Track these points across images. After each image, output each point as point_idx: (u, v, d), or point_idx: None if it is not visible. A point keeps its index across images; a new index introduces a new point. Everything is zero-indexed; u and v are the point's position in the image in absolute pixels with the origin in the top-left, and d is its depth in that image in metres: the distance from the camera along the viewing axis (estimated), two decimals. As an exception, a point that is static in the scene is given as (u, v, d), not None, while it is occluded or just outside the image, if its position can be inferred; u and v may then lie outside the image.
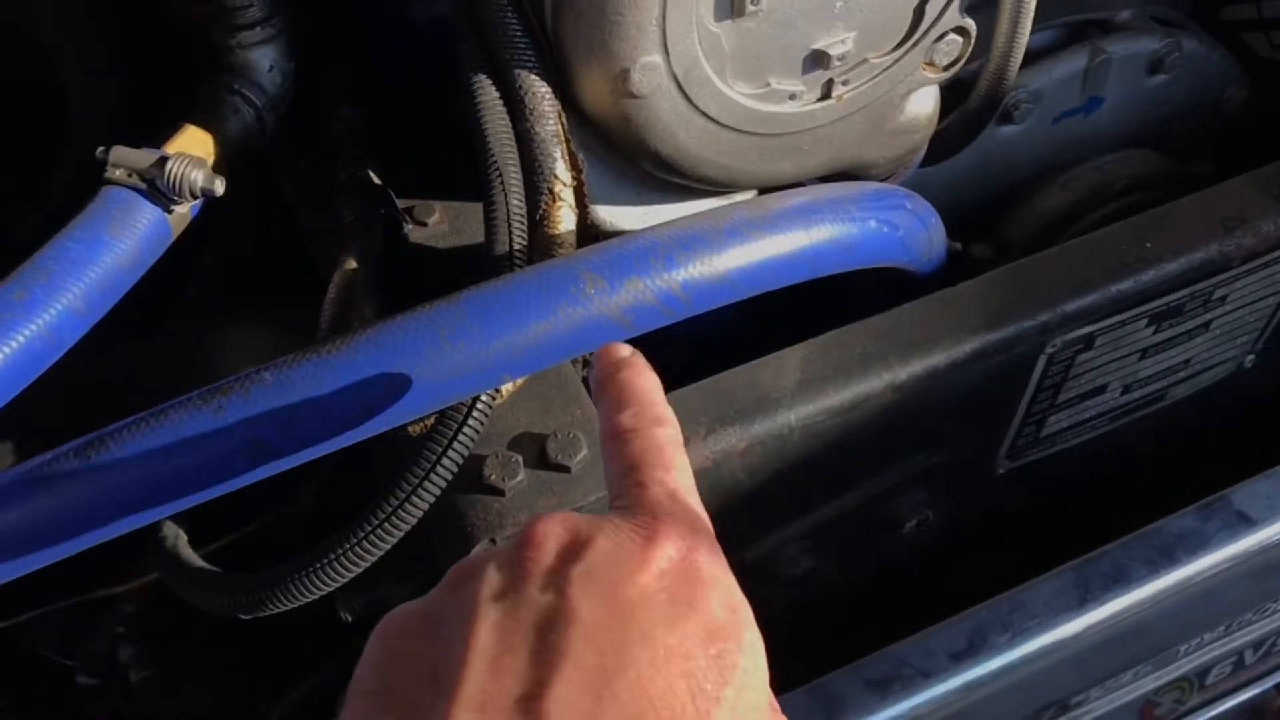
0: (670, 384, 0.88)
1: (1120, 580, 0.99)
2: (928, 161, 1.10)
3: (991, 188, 1.29)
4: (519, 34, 0.83)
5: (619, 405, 0.58)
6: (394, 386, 0.71)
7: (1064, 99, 1.27)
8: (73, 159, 1.07)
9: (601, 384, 0.61)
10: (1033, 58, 1.25)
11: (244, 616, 0.81)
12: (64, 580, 0.93)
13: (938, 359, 0.92)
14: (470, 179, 0.88)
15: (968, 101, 1.06)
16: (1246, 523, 1.03)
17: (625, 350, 0.63)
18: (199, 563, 0.87)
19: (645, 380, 0.61)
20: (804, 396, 0.89)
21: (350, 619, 0.89)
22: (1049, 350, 0.97)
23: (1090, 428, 1.10)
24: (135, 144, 0.88)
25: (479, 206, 0.93)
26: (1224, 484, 1.05)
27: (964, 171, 1.24)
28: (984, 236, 1.25)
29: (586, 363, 0.88)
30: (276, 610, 0.80)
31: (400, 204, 0.96)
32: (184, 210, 0.88)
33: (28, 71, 1.22)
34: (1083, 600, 0.98)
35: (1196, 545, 1.01)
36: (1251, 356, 1.16)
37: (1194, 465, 1.18)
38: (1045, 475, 1.12)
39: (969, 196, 1.28)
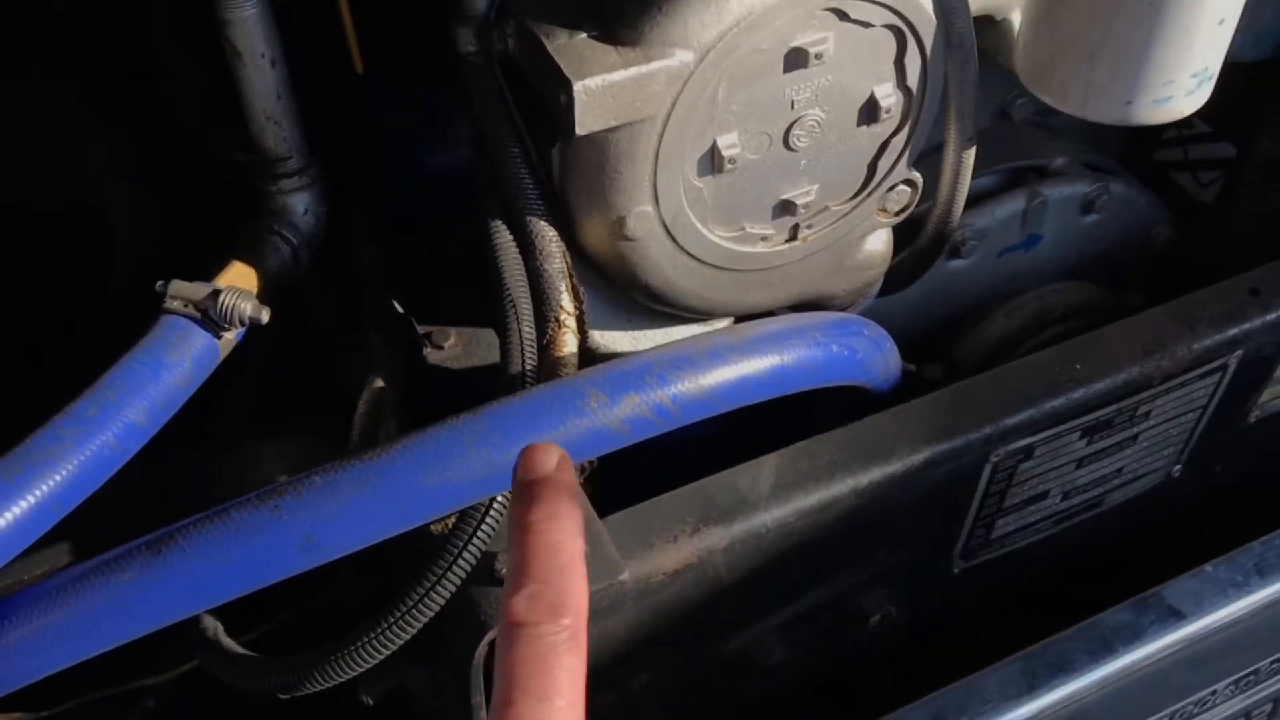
0: (661, 488, 1.00)
1: (1064, 669, 1.09)
2: (884, 292, 1.24)
3: (943, 315, 1.43)
4: (530, 186, 0.97)
5: (520, 568, 0.55)
6: (425, 488, 0.82)
7: (1006, 236, 1.42)
8: (118, 285, 1.19)
9: (516, 498, 0.59)
10: (977, 200, 1.41)
11: (282, 696, 0.90)
12: (91, 671, 1.02)
13: (895, 467, 1.04)
14: (480, 307, 1.01)
15: (918, 240, 1.20)
16: (1177, 616, 1.14)
17: (550, 460, 0.60)
18: (239, 649, 0.96)
19: (557, 526, 0.56)
20: (778, 500, 1.01)
21: (370, 702, 0.98)
22: (993, 460, 1.09)
23: (1035, 530, 1.22)
24: (172, 275, 1.00)
25: (489, 332, 1.06)
26: (1157, 581, 1.17)
27: (918, 301, 1.39)
28: (937, 359, 1.38)
29: (583, 469, 0.99)
30: (311, 690, 0.89)
31: (420, 330, 1.09)
32: (231, 336, 1.00)
33: (68, 202, 1.35)
34: (1031, 687, 1.08)
35: (1132, 637, 1.12)
36: (1179, 467, 1.29)
37: (1131, 564, 1.29)
38: (997, 574, 1.23)
39: (923, 323, 1.42)
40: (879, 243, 1.13)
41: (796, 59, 0.92)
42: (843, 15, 0.92)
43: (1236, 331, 1.16)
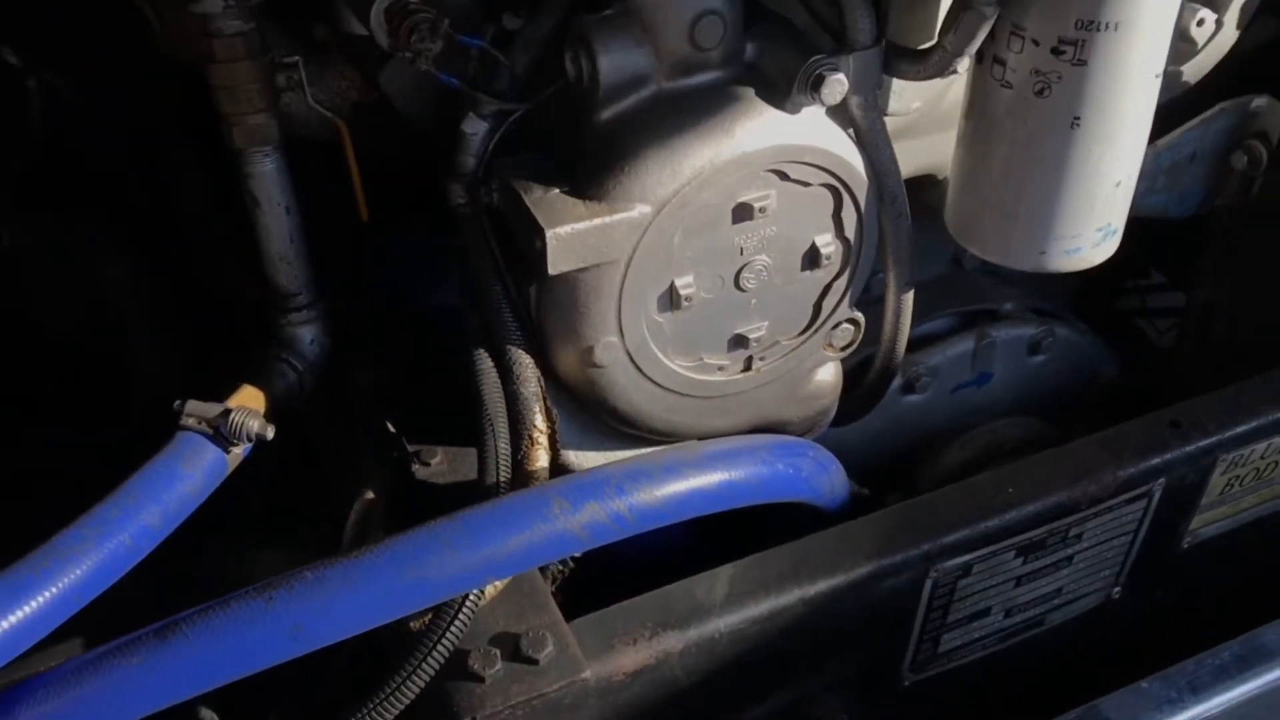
0: (625, 595, 1.09)
1: (1010, 775, 1.17)
2: (839, 422, 1.35)
3: (903, 446, 1.53)
4: (510, 319, 1.09)
5: None
6: (405, 585, 0.92)
7: (958, 374, 1.54)
8: (136, 403, 1.31)
9: None
10: (931, 340, 1.54)
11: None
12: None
13: (840, 579, 1.13)
14: (464, 428, 1.12)
15: (869, 375, 1.32)
16: (1114, 729, 1.22)
17: None
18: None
19: None
20: (731, 607, 1.10)
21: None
22: (933, 575, 1.18)
23: (981, 646, 1.30)
24: (186, 395, 1.11)
25: (473, 451, 1.17)
26: (1098, 694, 1.25)
27: (880, 432, 1.50)
28: (897, 486, 1.48)
29: (547, 570, 1.08)
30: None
31: (409, 448, 1.20)
32: (239, 451, 1.12)
33: (93, 327, 1.48)
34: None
35: (1072, 747, 1.19)
36: (1118, 589, 1.38)
37: (1079, 679, 1.37)
38: (946, 688, 1.31)
39: (885, 453, 1.53)
40: (828, 374, 1.25)
41: (743, 212, 1.06)
42: (784, 175, 1.06)
43: (1158, 461, 1.26)
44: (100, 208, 1.47)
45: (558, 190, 1.03)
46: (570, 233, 0.99)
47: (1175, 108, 1.50)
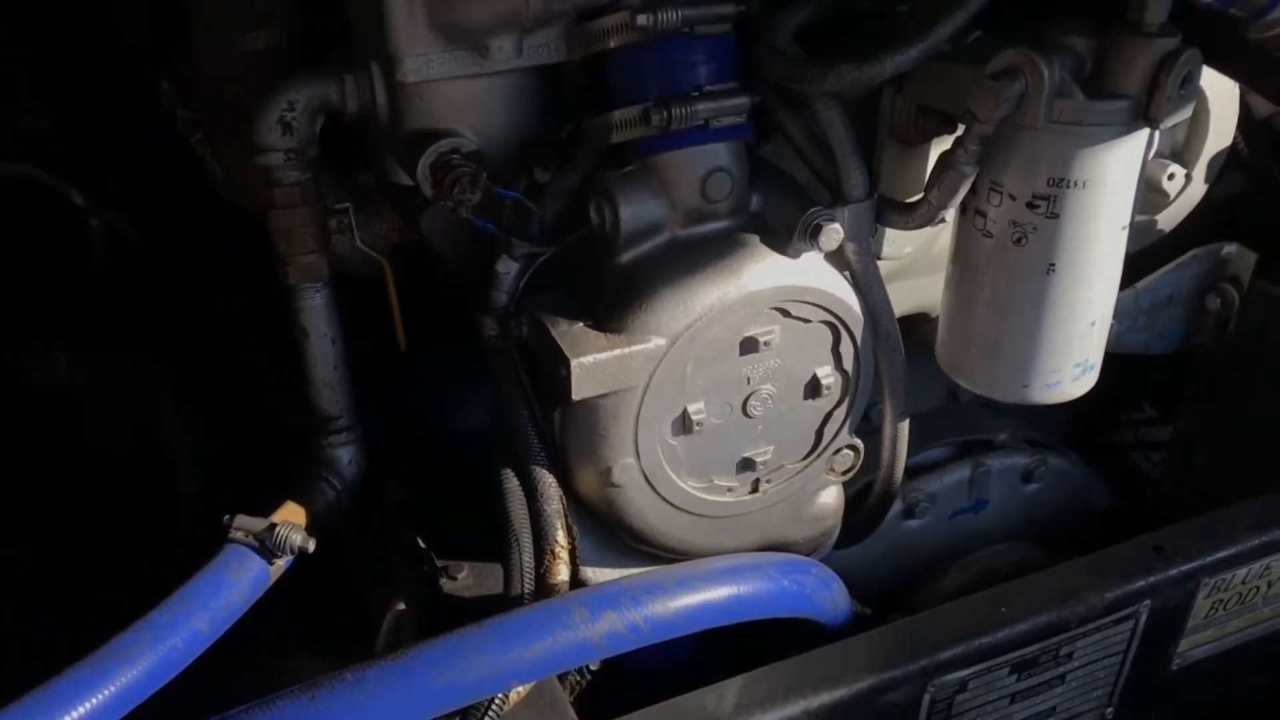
0: (638, 705, 1.16)
1: None
2: (842, 545, 1.43)
3: (903, 568, 1.61)
4: (535, 441, 1.19)
5: None
6: (437, 687, 1.00)
7: (955, 500, 1.62)
8: (185, 519, 1.40)
9: None
10: (929, 468, 1.62)
11: None
12: None
13: (842, 692, 1.20)
14: (490, 545, 1.21)
15: (869, 499, 1.41)
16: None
17: None
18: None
19: None
20: (739, 718, 1.16)
21: None
22: (931, 690, 1.25)
23: (979, 762, 1.36)
24: (231, 511, 1.20)
25: (497, 568, 1.25)
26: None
27: (882, 555, 1.57)
28: (899, 608, 1.55)
29: (566, 679, 1.15)
30: None
31: (438, 562, 1.28)
32: (281, 563, 1.20)
33: (145, 449, 1.58)
34: None
35: None
36: (1111, 709, 1.43)
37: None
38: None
39: (887, 575, 1.60)
40: (831, 498, 1.34)
41: (750, 345, 1.16)
42: (786, 313, 1.16)
43: (1143, 584, 1.33)
44: (152, 338, 1.58)
45: (581, 324, 1.14)
46: (592, 362, 1.09)
47: (1153, 252, 1.62)
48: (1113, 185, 1.12)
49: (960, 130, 1.13)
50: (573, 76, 1.22)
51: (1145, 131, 1.11)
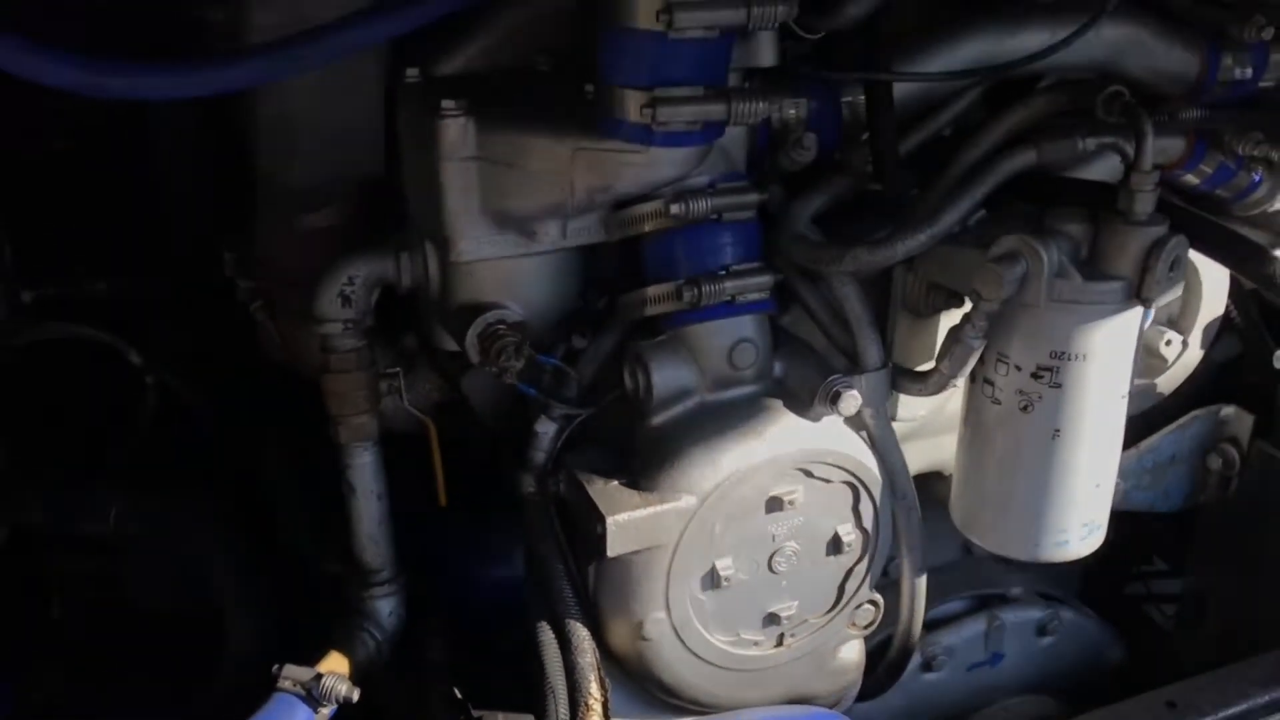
0: None
1: None
2: (863, 697, 1.47)
3: (922, 721, 1.64)
4: (570, 596, 1.25)
5: None
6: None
7: (972, 653, 1.66)
8: (230, 670, 1.45)
9: None
10: (946, 622, 1.67)
11: None
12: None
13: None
14: (524, 696, 1.26)
15: (889, 653, 1.45)
16: None
17: None
18: None
19: None
20: None
21: None
22: (953, 842, 1.28)
23: None
24: (275, 660, 1.25)
25: (529, 718, 1.30)
26: None
27: (901, 708, 1.61)
28: (920, 762, 1.58)
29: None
30: None
31: (474, 713, 1.32)
32: (326, 712, 1.25)
33: (192, 602, 1.64)
34: None
35: None
36: None
37: None
38: None
39: (907, 729, 1.63)
40: (853, 652, 1.39)
41: (775, 504, 1.23)
42: (809, 474, 1.24)
43: (1158, 738, 1.37)
44: (202, 491, 1.66)
45: (616, 482, 1.21)
46: (627, 520, 1.17)
47: (1155, 414, 1.70)
48: (1111, 357, 1.20)
49: (968, 306, 1.22)
50: (610, 253, 1.32)
51: (1139, 308, 1.20)
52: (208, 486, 1.70)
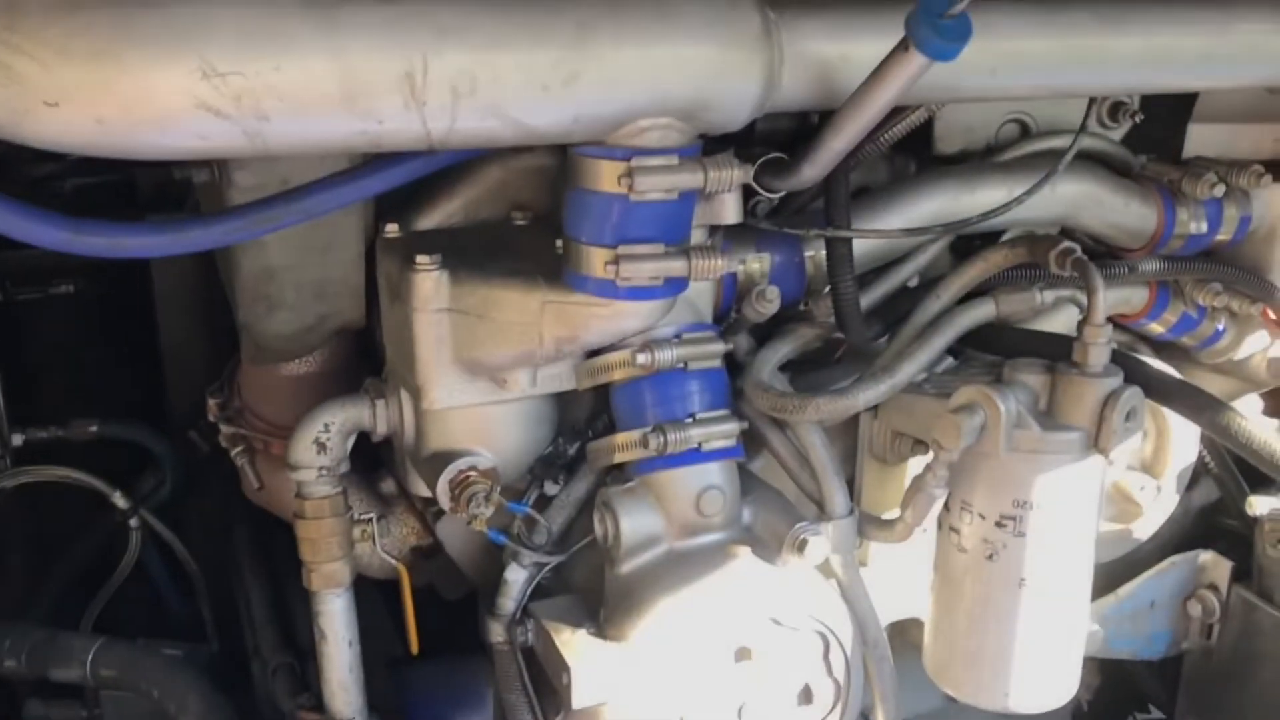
0: None
1: None
2: None
3: None
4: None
5: None
6: None
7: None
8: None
9: None
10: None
11: None
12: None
13: None
14: None
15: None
16: None
17: None
18: None
19: None
20: None
21: None
22: None
23: None
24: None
25: None
26: None
27: None
28: None
29: None
30: None
31: None
32: None
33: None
34: None
35: None
36: None
37: None
38: None
39: None
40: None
41: (743, 654, 1.23)
42: (777, 622, 1.24)
43: None
44: (179, 636, 1.66)
45: (584, 630, 1.21)
46: (593, 670, 1.16)
47: (1133, 560, 1.70)
48: (1073, 506, 1.22)
49: (931, 454, 1.24)
50: (582, 399, 1.35)
51: (1099, 457, 1.21)
52: (186, 633, 1.69)
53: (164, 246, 1.07)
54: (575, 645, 1.19)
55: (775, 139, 1.47)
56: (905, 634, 1.49)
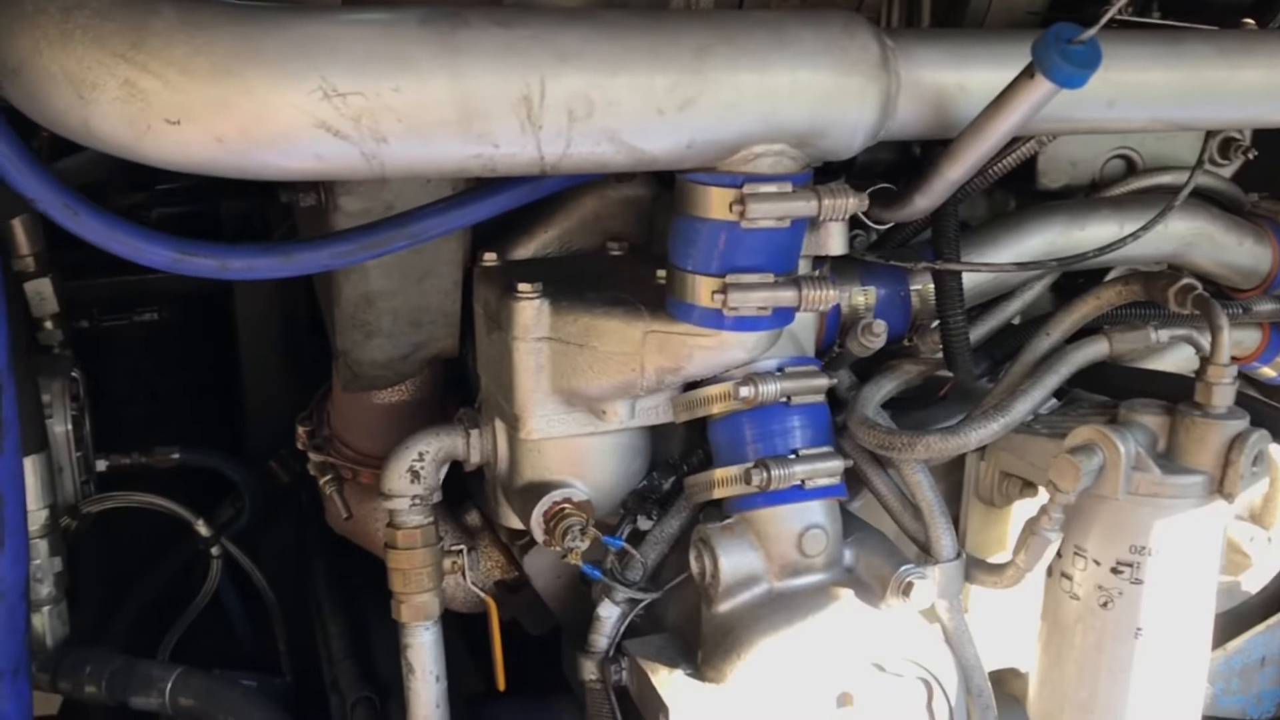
0: None
1: None
2: None
3: None
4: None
5: None
6: None
7: None
8: None
9: None
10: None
11: None
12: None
13: None
14: None
15: None
16: None
17: None
18: None
19: None
20: None
21: None
22: None
23: None
24: None
25: None
26: None
27: None
28: None
29: None
30: None
31: None
32: None
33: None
34: None
35: None
36: None
37: None
38: None
39: None
40: None
41: (845, 700, 1.18)
42: (881, 668, 1.19)
43: None
44: (258, 665, 1.65)
45: (681, 671, 1.18)
46: (692, 712, 1.13)
47: (1242, 613, 1.63)
48: (1195, 553, 1.17)
49: (1042, 496, 1.20)
50: (674, 433, 1.33)
51: (1222, 503, 1.16)
52: (265, 662, 1.68)
53: (270, 268, 1.06)
54: (673, 685, 1.16)
55: (873, 171, 1.45)
56: (1003, 685, 1.44)
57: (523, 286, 1.19)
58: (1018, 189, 1.52)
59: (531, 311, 1.19)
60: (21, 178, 0.97)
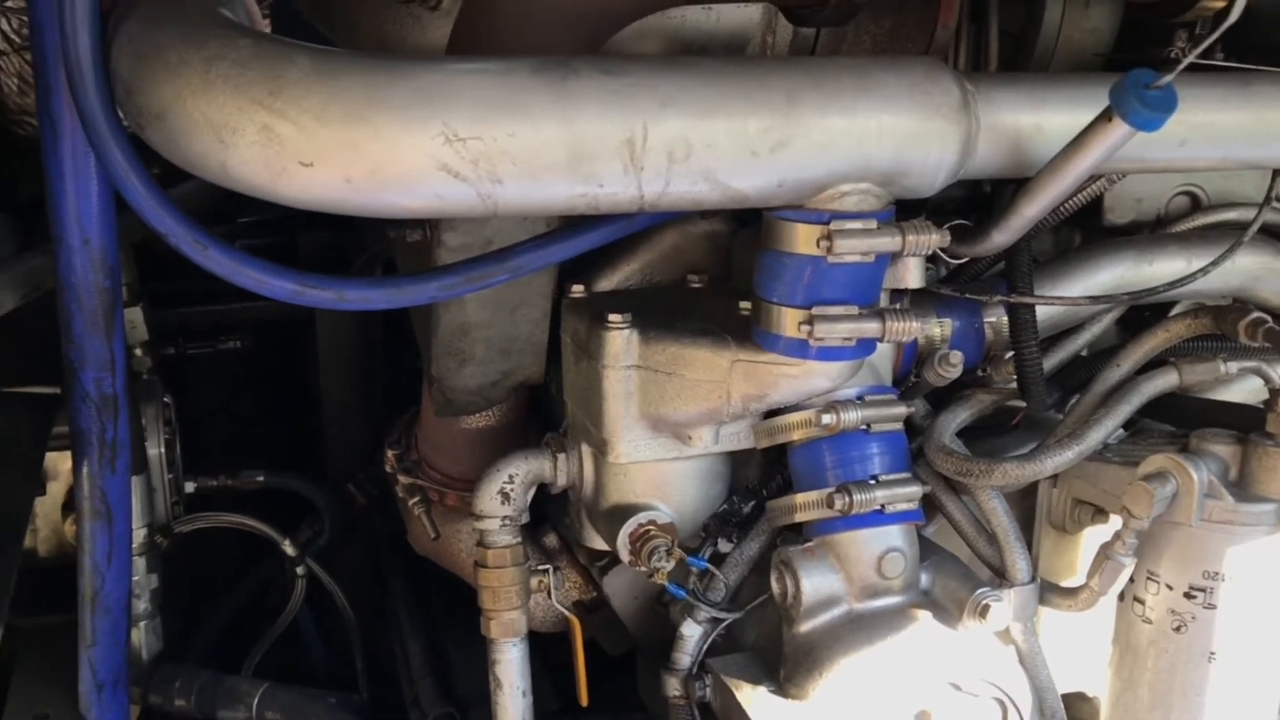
0: None
1: None
2: None
3: None
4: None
5: None
6: None
7: None
8: None
9: None
10: None
11: None
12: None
13: None
14: None
15: None
16: None
17: None
18: None
19: None
20: None
21: None
22: None
23: None
24: None
25: None
26: None
27: None
28: None
29: None
30: None
31: None
32: None
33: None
34: None
35: None
36: None
37: None
38: None
39: None
40: None
41: (922, 717, 1.22)
42: (957, 688, 1.23)
43: None
44: (340, 683, 1.70)
45: (765, 689, 1.22)
46: (777, 738, 1.17)
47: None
48: (1268, 580, 1.19)
49: (1113, 522, 1.23)
50: (751, 458, 1.38)
51: (1295, 531, 1.19)
52: (346, 680, 1.74)
53: (383, 300, 1.13)
54: (758, 702, 1.20)
55: (945, 207, 1.50)
56: (1071, 709, 1.47)
57: (613, 317, 1.25)
58: (1084, 224, 1.56)
59: (621, 341, 1.25)
60: (155, 214, 1.05)
